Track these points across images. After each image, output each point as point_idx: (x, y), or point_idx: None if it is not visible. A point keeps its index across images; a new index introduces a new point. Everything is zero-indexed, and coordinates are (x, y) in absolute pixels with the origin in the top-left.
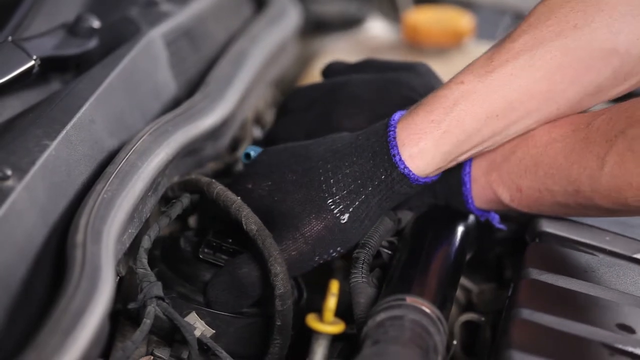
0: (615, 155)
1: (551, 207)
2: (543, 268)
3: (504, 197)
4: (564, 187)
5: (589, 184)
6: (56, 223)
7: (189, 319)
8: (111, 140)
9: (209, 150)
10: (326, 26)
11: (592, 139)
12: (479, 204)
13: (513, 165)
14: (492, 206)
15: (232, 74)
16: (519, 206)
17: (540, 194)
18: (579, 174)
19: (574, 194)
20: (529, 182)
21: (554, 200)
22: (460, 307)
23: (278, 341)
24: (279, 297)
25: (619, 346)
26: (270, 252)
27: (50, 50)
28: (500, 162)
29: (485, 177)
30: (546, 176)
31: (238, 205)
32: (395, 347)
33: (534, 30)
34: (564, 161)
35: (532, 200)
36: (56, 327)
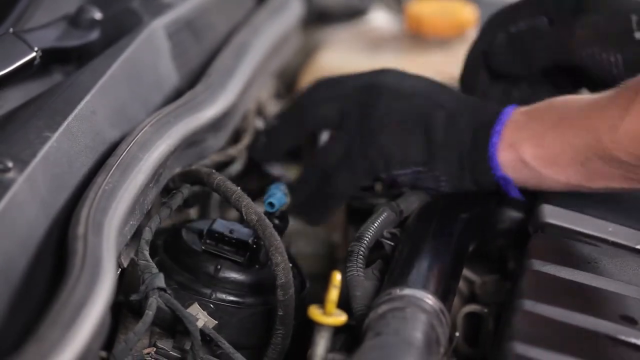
0: (638, 104)
1: (572, 165)
2: (546, 259)
3: (527, 153)
4: (585, 139)
5: (609, 134)
6: (57, 215)
7: (191, 310)
8: (113, 132)
9: (211, 142)
10: (329, 17)
11: (620, 92)
12: (504, 164)
13: (539, 123)
14: (513, 166)
15: (234, 65)
16: (540, 166)
17: (561, 148)
18: (600, 123)
19: (594, 146)
20: (552, 136)
21: (575, 154)
22: (463, 298)
23: (280, 331)
24: (281, 287)
25: (622, 337)
26: (270, 241)
27: (51, 41)
28: (528, 123)
29: (511, 136)
30: (569, 127)
31: (238, 195)
32: (397, 339)
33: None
34: (588, 112)
35: (552, 157)
36: (57, 319)
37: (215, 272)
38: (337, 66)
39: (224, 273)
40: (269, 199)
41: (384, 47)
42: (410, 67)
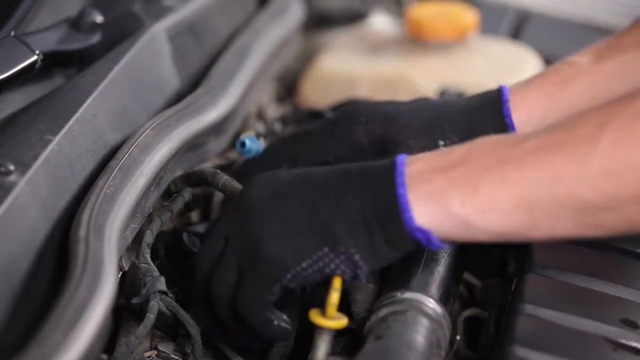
0: (612, 133)
1: (513, 213)
2: (547, 263)
3: (453, 202)
4: (539, 179)
5: (575, 169)
6: (59, 218)
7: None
8: (114, 135)
9: (212, 145)
10: (329, 21)
11: (580, 124)
12: (423, 218)
13: (468, 168)
14: (439, 219)
15: (235, 68)
16: (472, 212)
17: (504, 193)
18: (563, 159)
19: (550, 186)
20: (489, 181)
21: (521, 200)
22: (464, 302)
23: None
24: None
25: (623, 341)
26: None
27: (53, 45)
28: (450, 169)
29: (429, 185)
30: (515, 170)
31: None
32: (398, 342)
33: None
34: (541, 150)
35: (490, 204)
36: (59, 322)
37: None
38: (338, 70)
39: None
40: (242, 139)
41: (384, 51)
42: (410, 71)
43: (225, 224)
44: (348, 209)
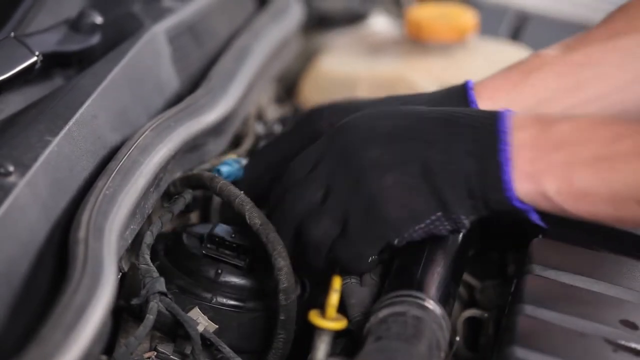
0: None
1: (602, 207)
2: (546, 264)
3: (550, 188)
4: (629, 184)
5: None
6: (58, 219)
7: (192, 314)
8: (114, 136)
9: (211, 146)
10: (329, 22)
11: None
12: (521, 195)
13: (567, 155)
14: (535, 199)
15: (234, 69)
16: (566, 201)
17: (596, 189)
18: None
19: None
20: (584, 175)
21: (611, 198)
22: (463, 303)
23: (282, 336)
24: (283, 292)
25: (622, 342)
26: (274, 246)
27: (52, 46)
28: (551, 150)
29: (530, 165)
30: (608, 170)
31: (241, 199)
32: (397, 343)
33: (610, 25)
34: (634, 157)
35: (582, 196)
36: (59, 323)
37: (216, 276)
38: (337, 71)
39: (225, 277)
40: (219, 166)
41: (384, 52)
42: (410, 72)
43: (327, 172)
44: (457, 176)
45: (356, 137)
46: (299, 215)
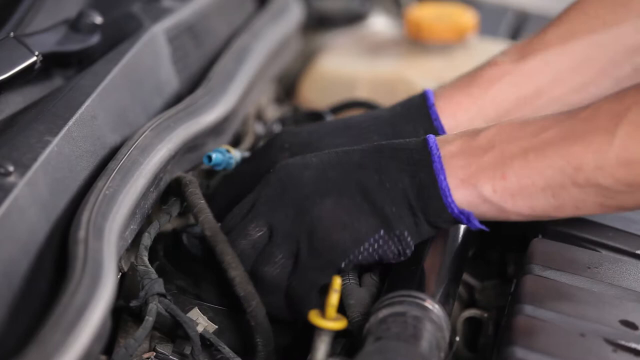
0: (628, 125)
1: (541, 196)
2: (546, 264)
3: (485, 189)
4: (561, 168)
5: (594, 160)
6: (58, 219)
7: (191, 315)
8: (113, 136)
9: (211, 146)
10: (329, 22)
11: (597, 115)
12: (460, 202)
13: (496, 155)
14: (474, 203)
15: (234, 69)
16: (502, 198)
17: (529, 179)
18: (583, 150)
19: (572, 174)
20: (515, 169)
21: (547, 185)
22: (463, 303)
23: (259, 340)
24: (243, 300)
25: (622, 342)
26: (223, 257)
27: (52, 46)
28: (480, 154)
29: (462, 171)
30: (538, 159)
31: (199, 208)
32: (397, 343)
33: (566, 24)
34: (562, 142)
35: (518, 189)
36: (58, 323)
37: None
38: (337, 71)
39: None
40: (210, 152)
41: (383, 52)
42: (409, 72)
43: (265, 210)
44: (394, 192)
45: (290, 172)
46: (249, 257)
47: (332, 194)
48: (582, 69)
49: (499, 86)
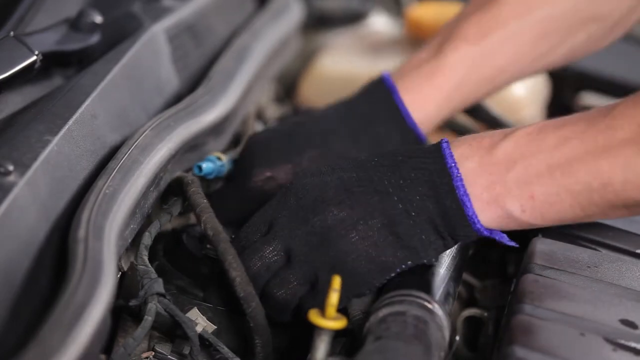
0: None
1: (569, 211)
2: (546, 263)
3: (513, 209)
4: (589, 184)
5: (622, 174)
6: (58, 218)
7: (190, 315)
8: (113, 136)
9: (211, 146)
10: (329, 21)
11: (618, 124)
12: (487, 222)
13: (520, 172)
14: (502, 222)
15: (234, 69)
16: (532, 217)
17: (558, 197)
18: (610, 165)
19: (600, 189)
20: (543, 187)
21: (575, 201)
22: (463, 302)
23: (258, 341)
24: (243, 301)
25: (622, 342)
26: (224, 257)
27: (52, 45)
28: (503, 172)
29: (487, 192)
30: (565, 176)
31: (201, 208)
32: (397, 343)
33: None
34: (588, 156)
35: (547, 207)
36: (58, 322)
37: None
38: (337, 70)
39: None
40: (200, 162)
41: (384, 51)
42: None
43: (285, 235)
44: (420, 221)
45: (309, 198)
46: (262, 278)
47: (357, 225)
48: (540, 42)
49: (462, 72)
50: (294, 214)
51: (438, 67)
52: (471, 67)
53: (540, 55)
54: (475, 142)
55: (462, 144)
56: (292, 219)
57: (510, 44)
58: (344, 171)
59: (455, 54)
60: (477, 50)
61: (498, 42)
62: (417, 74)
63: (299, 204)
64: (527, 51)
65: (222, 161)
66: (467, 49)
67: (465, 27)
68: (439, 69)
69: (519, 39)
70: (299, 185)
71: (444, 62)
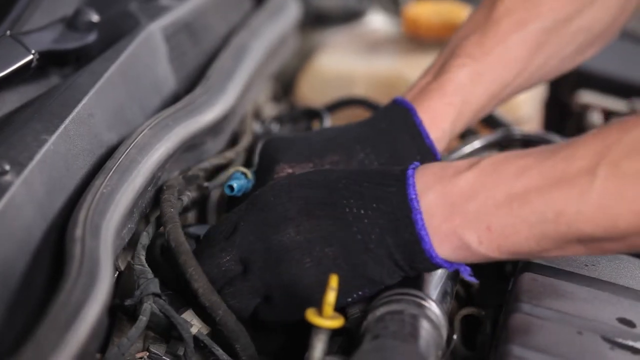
0: (608, 165)
1: (525, 244)
2: (543, 262)
3: (471, 240)
4: (544, 214)
5: (575, 204)
6: (55, 218)
7: (185, 316)
8: (110, 135)
9: (210, 145)
10: (327, 19)
11: (576, 154)
12: (445, 254)
13: (480, 203)
14: (460, 254)
15: (232, 68)
16: (489, 249)
17: (513, 229)
18: (565, 193)
19: (554, 220)
20: (500, 218)
21: (530, 233)
22: (461, 301)
23: (238, 346)
24: (209, 310)
25: (619, 340)
26: (185, 269)
27: (49, 44)
28: (464, 203)
29: (446, 224)
30: (521, 206)
31: (168, 217)
32: (395, 341)
33: (515, 13)
34: (544, 186)
35: (503, 239)
36: (55, 321)
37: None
38: (335, 68)
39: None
40: (230, 182)
41: (381, 49)
42: (407, 69)
43: (245, 245)
44: (379, 253)
45: (273, 214)
46: (218, 283)
47: (313, 250)
48: (536, 55)
49: (470, 89)
50: (256, 227)
51: (445, 84)
52: (477, 82)
53: (536, 68)
54: (440, 171)
55: (427, 172)
56: (254, 230)
57: (510, 58)
58: (311, 189)
59: (460, 71)
60: (481, 66)
61: (499, 57)
62: (427, 95)
63: (262, 217)
64: (525, 65)
65: (248, 178)
66: (472, 65)
67: (467, 46)
68: (447, 86)
69: (517, 52)
70: (267, 197)
71: (451, 78)
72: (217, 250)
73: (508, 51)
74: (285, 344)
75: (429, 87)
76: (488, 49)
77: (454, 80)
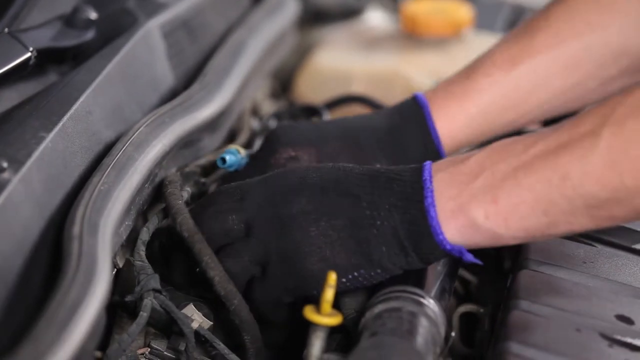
0: (612, 124)
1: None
2: (542, 259)
3: (477, 215)
4: (549, 180)
5: (580, 166)
6: (53, 215)
7: (186, 311)
8: (108, 132)
9: (207, 142)
10: (325, 16)
11: (582, 121)
12: (452, 234)
13: (487, 178)
14: (466, 233)
15: (230, 64)
16: (495, 223)
17: (519, 198)
18: (568, 157)
19: (560, 185)
20: (505, 190)
21: (537, 202)
22: (459, 298)
23: (246, 337)
24: (224, 299)
25: (618, 337)
26: (201, 257)
27: (47, 41)
28: (471, 180)
29: (454, 201)
30: (527, 175)
31: (176, 209)
32: (393, 339)
33: (553, 28)
34: (549, 153)
35: (509, 210)
36: (52, 319)
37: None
38: (333, 65)
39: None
40: (223, 155)
41: (379, 46)
42: (405, 66)
43: (252, 209)
44: (383, 230)
45: (286, 184)
46: (219, 239)
47: (320, 220)
48: (569, 73)
49: (488, 97)
50: (267, 195)
51: (467, 90)
52: (497, 94)
53: (569, 86)
54: (454, 158)
55: (443, 161)
56: (264, 198)
57: (537, 74)
58: (328, 173)
59: (485, 79)
60: (506, 77)
61: (526, 72)
62: (447, 94)
63: (273, 187)
64: (553, 82)
65: (242, 155)
66: (498, 74)
67: (497, 54)
68: (468, 92)
69: (546, 69)
70: (282, 172)
71: (474, 86)
72: (223, 208)
73: (537, 66)
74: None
75: (451, 89)
76: (517, 61)
77: (475, 88)
